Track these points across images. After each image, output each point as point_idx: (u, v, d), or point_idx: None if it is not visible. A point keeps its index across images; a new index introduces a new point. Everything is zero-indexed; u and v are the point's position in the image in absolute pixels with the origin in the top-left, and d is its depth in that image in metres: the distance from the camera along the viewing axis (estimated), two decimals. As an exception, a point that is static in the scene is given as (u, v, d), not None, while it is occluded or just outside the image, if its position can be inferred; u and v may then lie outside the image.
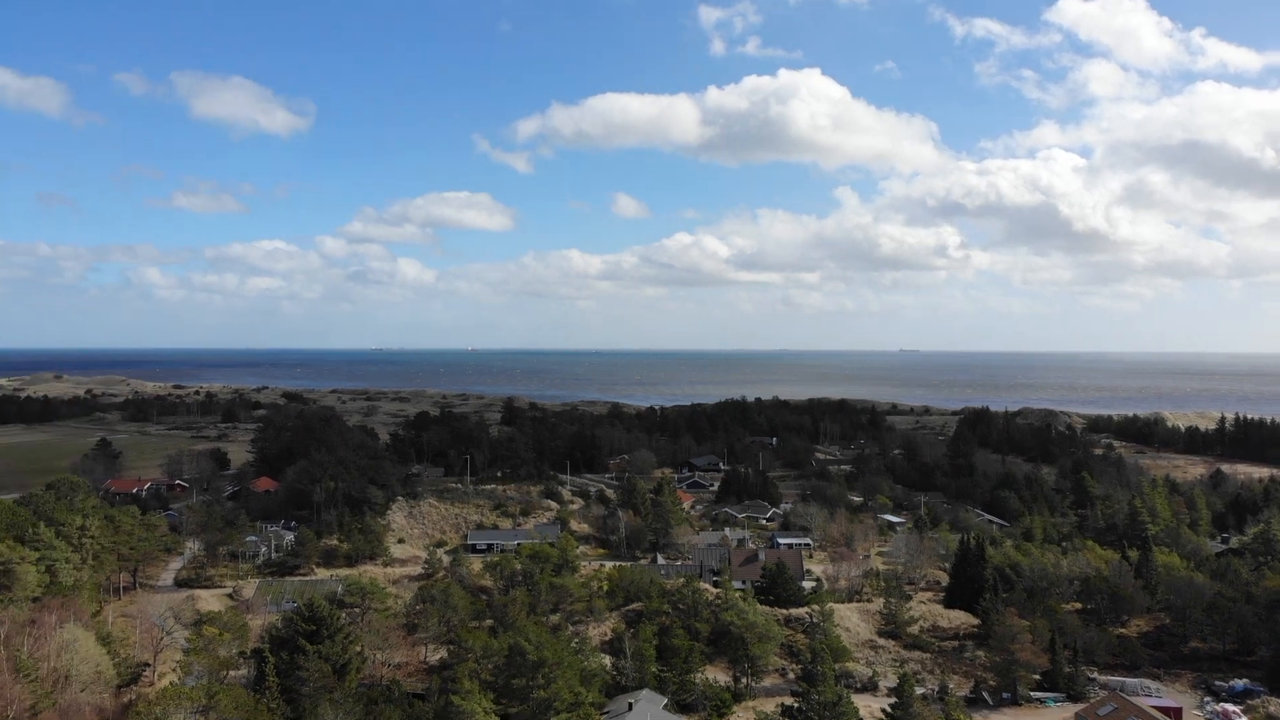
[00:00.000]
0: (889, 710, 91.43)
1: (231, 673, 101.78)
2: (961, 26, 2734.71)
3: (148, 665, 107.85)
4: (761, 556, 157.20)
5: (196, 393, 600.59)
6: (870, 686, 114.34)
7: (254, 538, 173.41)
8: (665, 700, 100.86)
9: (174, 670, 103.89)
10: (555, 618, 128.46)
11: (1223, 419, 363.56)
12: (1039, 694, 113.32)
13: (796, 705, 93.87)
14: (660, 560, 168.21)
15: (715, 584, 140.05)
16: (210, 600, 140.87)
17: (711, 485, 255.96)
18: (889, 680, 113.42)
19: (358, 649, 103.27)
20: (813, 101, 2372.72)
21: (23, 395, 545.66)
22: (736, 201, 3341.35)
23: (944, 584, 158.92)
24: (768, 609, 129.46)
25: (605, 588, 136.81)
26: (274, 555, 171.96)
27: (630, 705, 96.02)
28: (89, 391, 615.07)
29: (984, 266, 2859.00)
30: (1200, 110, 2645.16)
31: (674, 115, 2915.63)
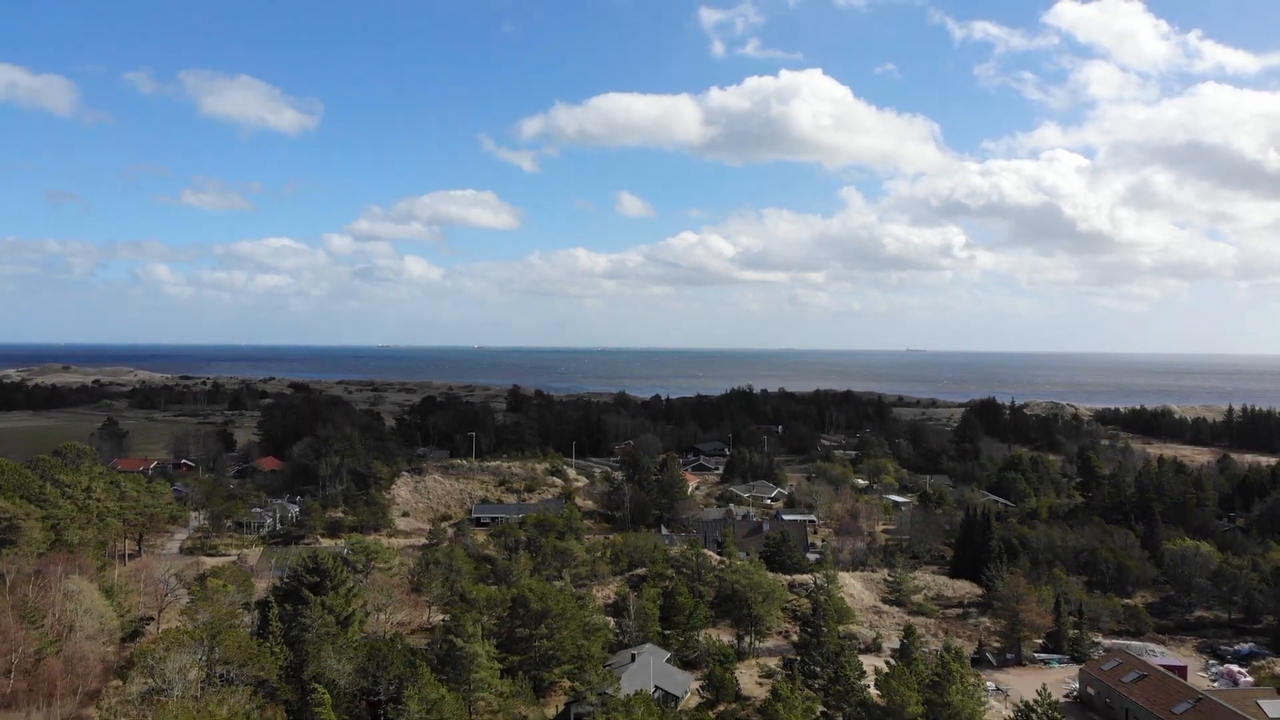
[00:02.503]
0: (891, 662, 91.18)
1: (234, 626, 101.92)
2: (960, 29, 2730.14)
3: (152, 619, 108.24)
4: (766, 528, 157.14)
5: (203, 383, 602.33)
6: (874, 648, 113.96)
7: (259, 509, 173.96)
8: (668, 655, 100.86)
9: (179, 622, 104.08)
10: (559, 583, 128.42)
11: (1230, 409, 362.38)
12: (1043, 655, 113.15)
13: (799, 658, 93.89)
14: (665, 532, 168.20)
15: (720, 553, 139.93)
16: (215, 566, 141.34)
17: (716, 469, 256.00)
18: (892, 642, 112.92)
19: (361, 603, 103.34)
20: (814, 101, 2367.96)
21: (30, 384, 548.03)
22: (741, 201, 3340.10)
23: (949, 558, 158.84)
24: (772, 575, 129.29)
25: (609, 554, 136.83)
26: (279, 527, 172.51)
27: (633, 657, 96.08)
28: (96, 381, 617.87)
29: (989, 267, 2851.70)
30: (1202, 112, 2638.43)
31: (677, 115, 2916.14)
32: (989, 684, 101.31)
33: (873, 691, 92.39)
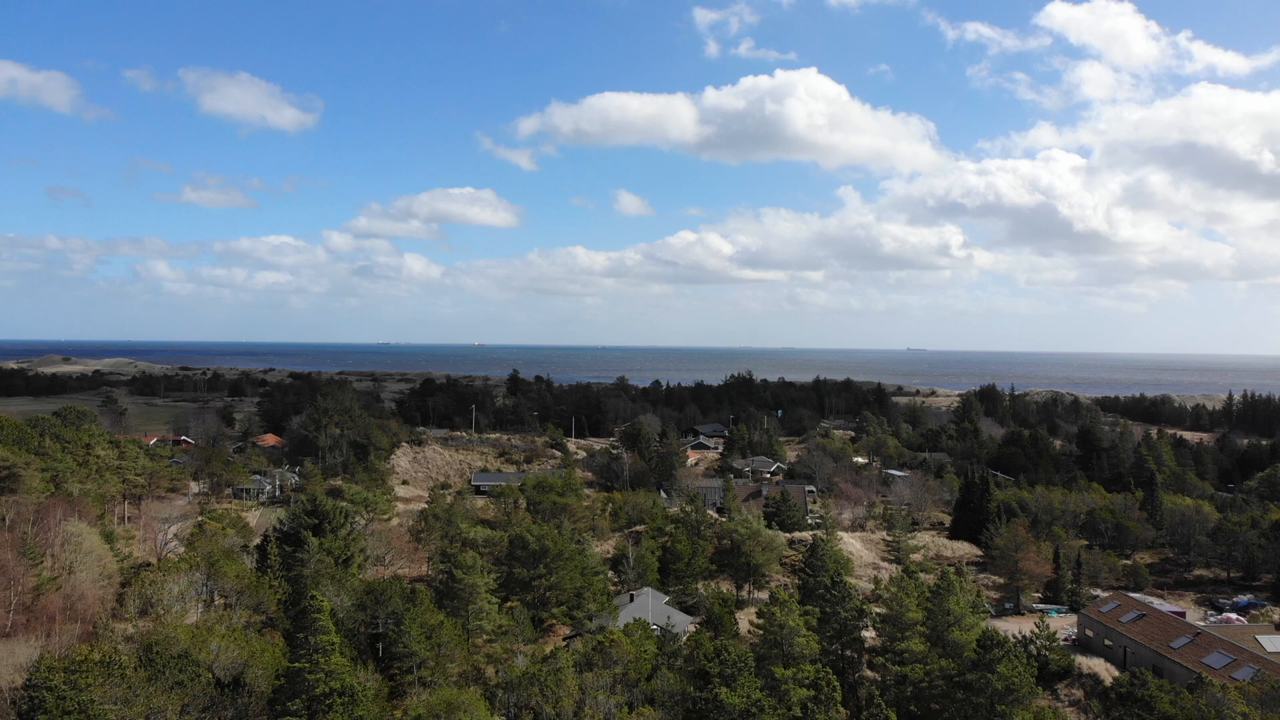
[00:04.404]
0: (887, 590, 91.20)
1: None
2: (953, 30, 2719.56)
3: (150, 565, 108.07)
4: (765, 492, 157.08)
5: (204, 373, 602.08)
6: (873, 599, 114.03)
7: (259, 474, 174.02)
8: (667, 598, 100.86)
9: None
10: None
11: (1230, 396, 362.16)
12: (1041, 606, 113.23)
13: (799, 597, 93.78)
14: (664, 496, 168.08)
15: (720, 515, 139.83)
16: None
17: (716, 448, 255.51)
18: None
19: (360, 547, 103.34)
20: (809, 100, 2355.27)
21: (30, 373, 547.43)
22: (739, 200, 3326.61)
23: (948, 524, 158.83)
24: (771, 532, 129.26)
25: (608, 510, 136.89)
26: (278, 494, 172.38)
27: (632, 597, 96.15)
28: (96, 371, 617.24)
29: (988, 266, 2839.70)
30: (1195, 112, 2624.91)
31: (672, 114, 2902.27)
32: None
33: (870, 633, 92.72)
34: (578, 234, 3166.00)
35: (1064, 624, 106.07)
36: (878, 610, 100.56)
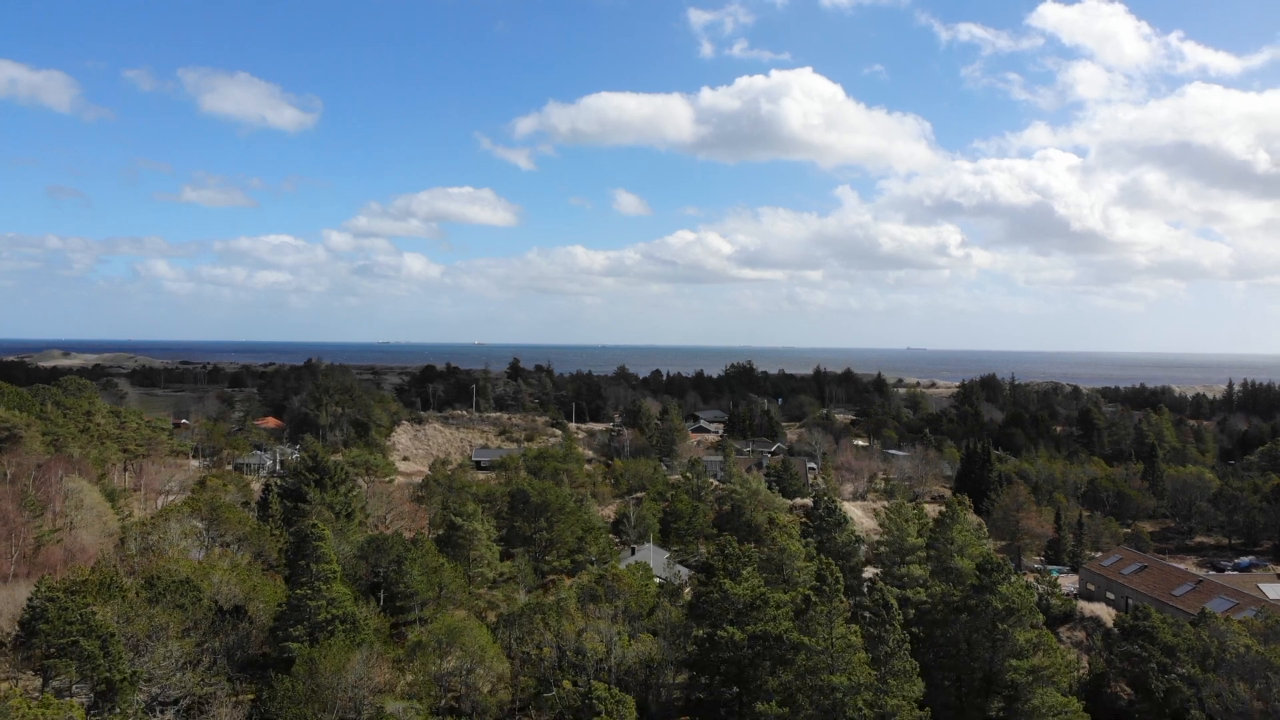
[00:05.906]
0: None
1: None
2: (947, 31, 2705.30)
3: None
4: (765, 464, 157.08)
5: (204, 366, 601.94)
6: (873, 561, 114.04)
7: (259, 449, 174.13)
8: (668, 554, 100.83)
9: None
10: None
11: (1230, 383, 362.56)
12: (1043, 566, 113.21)
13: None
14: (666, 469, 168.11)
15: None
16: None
17: (716, 432, 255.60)
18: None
19: (361, 504, 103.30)
20: (805, 100, 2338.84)
21: (31, 366, 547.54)
22: (737, 199, 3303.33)
23: (948, 499, 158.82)
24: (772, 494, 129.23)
25: (609, 478, 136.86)
26: (279, 469, 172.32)
27: (633, 550, 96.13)
28: (97, 365, 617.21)
29: (986, 266, 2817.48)
30: (1190, 112, 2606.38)
31: (668, 114, 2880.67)
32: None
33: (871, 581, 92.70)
34: (576, 233, 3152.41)
35: (1066, 583, 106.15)
36: (878, 552, 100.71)
